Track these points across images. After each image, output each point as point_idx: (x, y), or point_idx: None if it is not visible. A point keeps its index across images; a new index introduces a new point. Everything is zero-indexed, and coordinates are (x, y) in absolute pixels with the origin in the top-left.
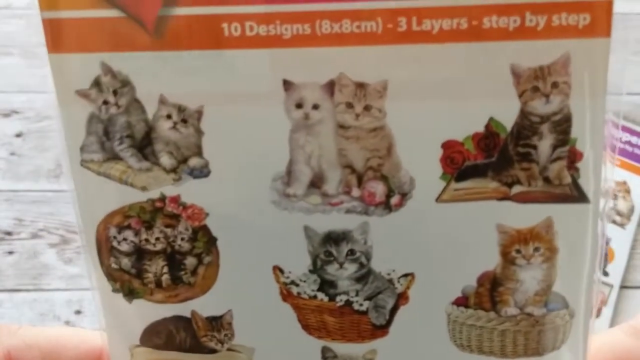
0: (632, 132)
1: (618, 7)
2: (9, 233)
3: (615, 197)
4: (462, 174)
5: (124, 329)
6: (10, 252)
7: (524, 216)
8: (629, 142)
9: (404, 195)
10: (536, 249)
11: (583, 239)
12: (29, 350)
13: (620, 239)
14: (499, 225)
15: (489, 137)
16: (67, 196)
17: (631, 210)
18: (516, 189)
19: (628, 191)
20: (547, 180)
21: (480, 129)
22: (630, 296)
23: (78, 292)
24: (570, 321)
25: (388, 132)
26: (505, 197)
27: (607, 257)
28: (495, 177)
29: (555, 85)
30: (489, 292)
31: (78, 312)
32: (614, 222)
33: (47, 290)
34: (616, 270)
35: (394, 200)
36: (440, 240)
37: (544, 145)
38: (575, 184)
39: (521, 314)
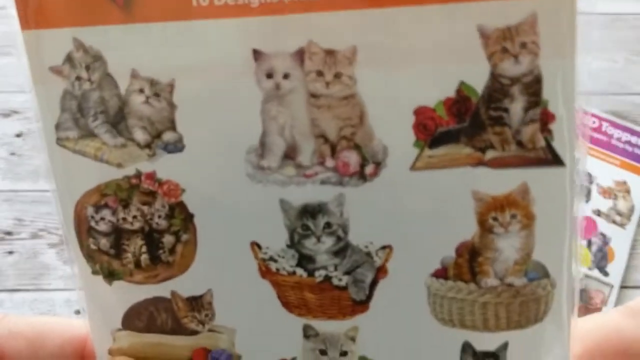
0: (632, 132)
1: (618, 6)
2: (9, 233)
3: (615, 197)
4: (435, 141)
5: (106, 313)
6: (10, 252)
7: (499, 182)
8: (629, 142)
9: (378, 164)
10: (513, 216)
11: (560, 205)
12: (14, 339)
13: (620, 239)
14: (474, 192)
15: (460, 102)
16: None
17: (631, 210)
18: (490, 154)
19: (628, 191)
20: (520, 144)
21: (452, 94)
22: (630, 296)
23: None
24: (552, 291)
25: (359, 100)
26: (479, 163)
27: (607, 257)
28: (468, 143)
29: (523, 45)
30: (468, 262)
31: (78, 312)
32: (614, 222)
33: (47, 290)
34: (616, 270)
35: (368, 169)
36: (417, 210)
37: (516, 107)
38: (549, 147)
39: (501, 284)
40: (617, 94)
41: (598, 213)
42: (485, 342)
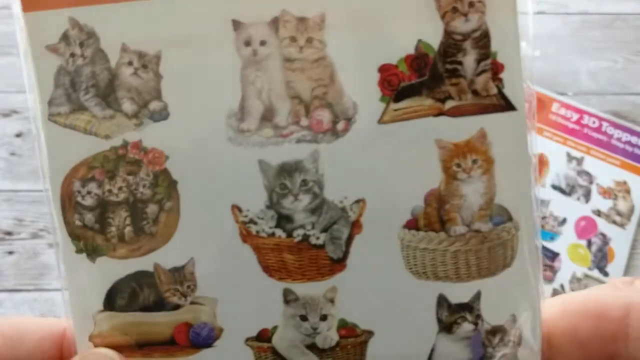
0: (632, 132)
1: (618, 6)
2: (9, 233)
3: (615, 197)
4: (400, 95)
5: (88, 295)
6: (10, 252)
7: (459, 130)
8: (629, 142)
9: (349, 120)
10: (474, 161)
11: (516, 148)
12: None
13: (620, 239)
14: (438, 141)
15: (419, 58)
16: None
17: (631, 210)
18: (449, 104)
19: (628, 191)
20: (475, 92)
21: (411, 51)
22: None
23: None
24: (516, 234)
25: (329, 61)
26: (440, 113)
27: (607, 257)
28: (429, 95)
29: (471, 4)
30: (437, 211)
31: None
32: (614, 222)
33: (47, 290)
34: (616, 270)
35: (340, 125)
36: (386, 162)
37: (469, 60)
38: (501, 93)
39: (469, 231)
40: (617, 94)
41: (598, 213)
42: (459, 293)
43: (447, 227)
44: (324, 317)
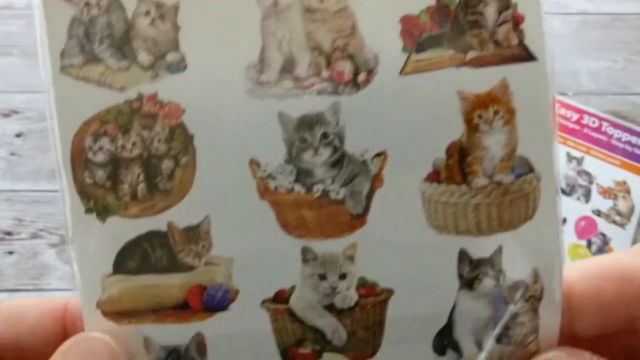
0: (632, 132)
1: (618, 6)
2: (9, 233)
3: (615, 197)
4: (421, 46)
5: (97, 258)
6: (10, 252)
7: (480, 81)
8: (629, 142)
9: (370, 72)
10: (496, 112)
11: (537, 98)
12: None
13: (620, 239)
14: (459, 92)
15: (441, 9)
16: None
17: (631, 210)
18: (470, 55)
19: (628, 191)
20: (496, 43)
21: (433, 2)
22: None
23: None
24: (538, 186)
25: (350, 12)
26: (462, 64)
27: None
28: (450, 46)
29: None
30: (458, 163)
31: None
32: (614, 222)
33: (47, 290)
34: None
35: (361, 77)
36: (407, 114)
37: (490, 11)
38: (522, 44)
39: (491, 183)
40: (617, 94)
41: (598, 213)
42: (481, 248)
43: (469, 179)
44: (343, 276)
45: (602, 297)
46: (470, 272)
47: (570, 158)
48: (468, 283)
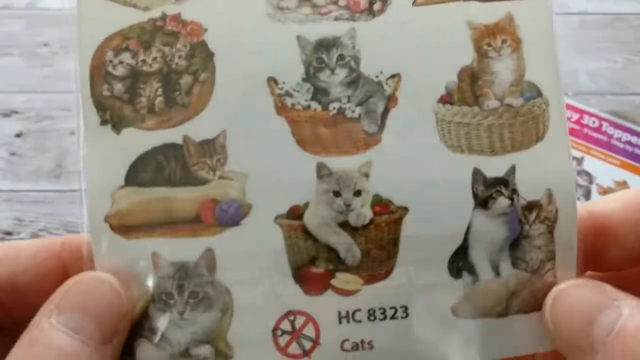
0: (632, 132)
1: (618, 6)
2: (9, 233)
3: None
4: None
5: (108, 168)
6: None
7: (488, 13)
8: (629, 142)
9: (385, 2)
10: (503, 41)
11: (542, 29)
12: None
13: None
14: (469, 23)
15: None
16: (67, 196)
17: None
18: None
19: None
20: None
21: None
22: None
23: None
24: (546, 109)
25: None
26: None
27: None
28: None
29: None
30: (470, 87)
31: None
32: None
33: None
34: None
35: (377, 6)
36: (421, 40)
37: None
38: None
39: (502, 105)
40: (617, 94)
41: None
42: (494, 167)
43: (480, 101)
44: (357, 193)
45: None
46: (485, 191)
47: None
48: (482, 202)
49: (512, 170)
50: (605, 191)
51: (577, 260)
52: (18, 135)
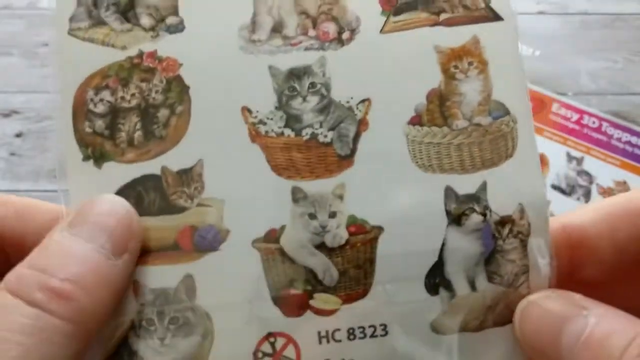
0: (632, 132)
1: (618, 6)
2: None
3: None
4: (398, 10)
5: None
6: None
7: (454, 37)
8: (629, 142)
9: (353, 31)
10: (470, 63)
11: (507, 51)
12: (3, 205)
13: None
14: (436, 46)
15: None
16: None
17: None
18: (443, 16)
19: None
20: (465, 7)
21: None
22: None
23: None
24: (514, 127)
25: None
26: (435, 24)
27: None
28: (424, 9)
29: None
30: (439, 108)
31: None
32: None
33: None
34: None
35: (345, 35)
36: (389, 65)
37: None
38: (488, 6)
39: (470, 124)
40: (617, 94)
41: None
42: (466, 184)
43: (450, 121)
44: (333, 214)
45: (617, 236)
46: (457, 208)
47: (570, 158)
48: (456, 219)
49: (484, 186)
50: (605, 191)
51: (551, 272)
52: (18, 135)
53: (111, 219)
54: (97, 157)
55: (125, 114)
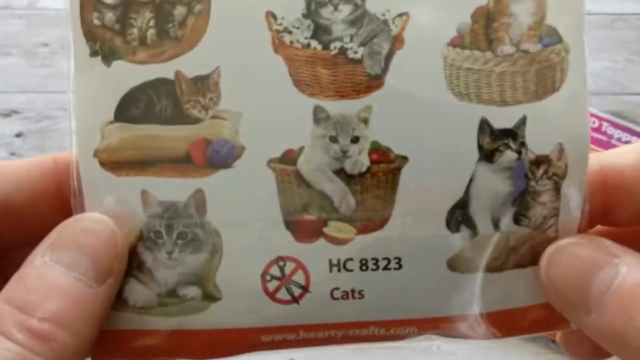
0: (632, 133)
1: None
2: None
3: None
4: None
5: (98, 103)
6: None
7: None
8: (628, 142)
9: None
10: None
11: None
12: None
13: None
14: None
15: None
16: None
17: None
18: None
19: None
20: None
21: None
22: None
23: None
24: (566, 57)
25: None
26: None
27: None
28: None
29: None
30: (484, 29)
31: None
32: None
33: None
34: None
35: None
36: None
37: None
38: None
39: (517, 51)
40: (617, 94)
41: None
42: (503, 117)
43: (494, 46)
44: (355, 139)
45: None
46: (491, 143)
47: None
48: (488, 155)
49: (523, 121)
50: None
51: (582, 217)
52: (18, 136)
53: (95, 242)
54: (106, 53)
55: (138, 8)
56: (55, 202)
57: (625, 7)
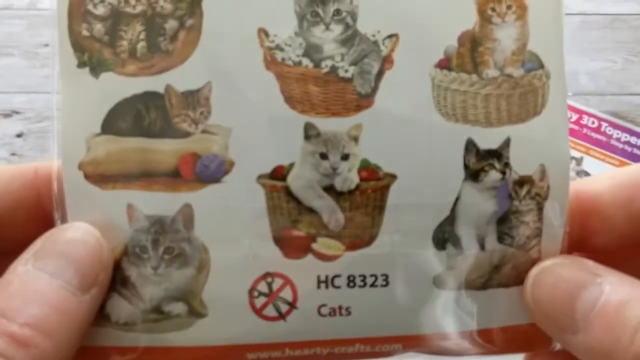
0: (631, 132)
1: (618, 7)
2: None
3: None
4: None
5: (84, 114)
6: None
7: None
8: (628, 142)
9: None
10: (509, 7)
11: None
12: None
13: None
14: None
15: None
16: None
17: None
18: None
19: None
20: None
21: None
22: None
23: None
24: (547, 82)
25: None
26: None
27: None
28: None
29: None
30: (470, 52)
31: None
32: None
33: None
34: None
35: None
36: (421, 1)
37: None
38: None
39: (501, 75)
40: (617, 94)
41: None
42: (488, 138)
43: (480, 69)
44: (345, 157)
45: (631, 205)
46: (477, 163)
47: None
48: (473, 174)
49: (507, 143)
50: None
51: (564, 238)
52: (19, 136)
53: (80, 250)
54: (94, 64)
55: (129, 21)
56: (35, 212)
57: (623, 7)
